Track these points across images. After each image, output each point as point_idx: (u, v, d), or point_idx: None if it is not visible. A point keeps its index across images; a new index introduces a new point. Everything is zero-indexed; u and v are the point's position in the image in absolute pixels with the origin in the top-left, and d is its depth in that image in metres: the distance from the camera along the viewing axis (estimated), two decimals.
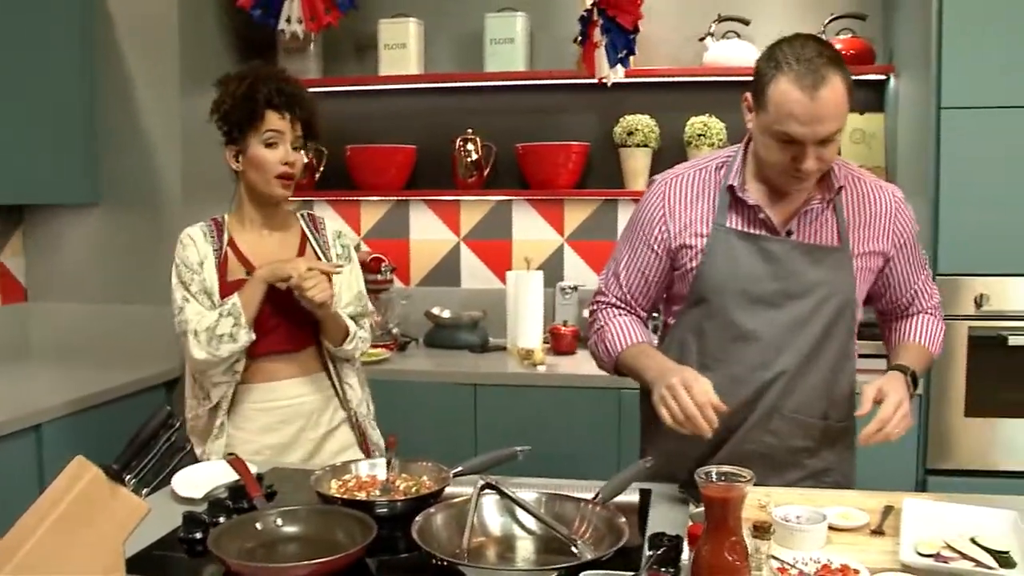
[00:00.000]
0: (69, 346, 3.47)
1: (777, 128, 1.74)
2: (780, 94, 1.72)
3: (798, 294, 1.89)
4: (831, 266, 1.89)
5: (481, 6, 3.66)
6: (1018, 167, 2.84)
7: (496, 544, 1.63)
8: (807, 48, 1.72)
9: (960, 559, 1.49)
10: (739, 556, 1.30)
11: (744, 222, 1.91)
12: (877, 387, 1.78)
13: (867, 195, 1.94)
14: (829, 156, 1.79)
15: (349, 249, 2.41)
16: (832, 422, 1.97)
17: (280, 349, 2.26)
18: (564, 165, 3.60)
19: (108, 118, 3.39)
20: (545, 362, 3.33)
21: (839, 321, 1.91)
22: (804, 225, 1.90)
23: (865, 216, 1.93)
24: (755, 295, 1.89)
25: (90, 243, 3.47)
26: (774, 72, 1.73)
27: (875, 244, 1.94)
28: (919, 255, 2.04)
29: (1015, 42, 2.82)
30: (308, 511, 1.67)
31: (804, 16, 3.53)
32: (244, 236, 2.29)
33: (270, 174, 2.22)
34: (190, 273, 2.22)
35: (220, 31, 3.62)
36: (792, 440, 1.94)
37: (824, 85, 1.69)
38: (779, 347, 1.89)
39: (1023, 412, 2.88)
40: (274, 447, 2.26)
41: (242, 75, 2.24)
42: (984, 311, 2.88)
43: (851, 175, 1.95)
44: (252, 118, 2.19)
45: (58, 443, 2.73)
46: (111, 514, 1.41)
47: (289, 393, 2.28)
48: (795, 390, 1.91)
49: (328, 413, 2.33)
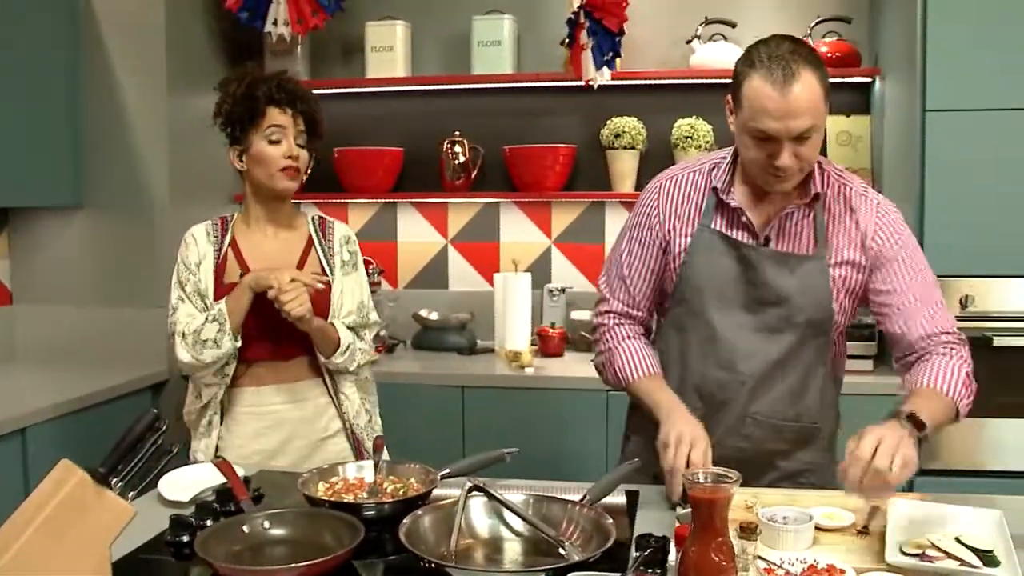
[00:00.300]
0: (54, 349, 3.46)
1: (752, 125, 1.76)
2: (753, 91, 1.73)
3: (770, 302, 1.89)
4: (804, 275, 1.88)
5: (468, 8, 3.67)
6: (1003, 169, 2.87)
7: (484, 546, 1.63)
8: (781, 47, 1.74)
9: (945, 558, 1.50)
10: (726, 557, 1.30)
11: (727, 224, 1.92)
12: (856, 436, 1.62)
13: (849, 201, 1.90)
14: (807, 154, 1.77)
15: (356, 256, 2.36)
16: (805, 423, 1.97)
17: (267, 357, 2.24)
18: (551, 167, 3.61)
19: (94, 120, 3.38)
20: (533, 364, 3.34)
21: (813, 331, 1.90)
22: (783, 229, 1.90)
23: (845, 223, 1.89)
24: (730, 298, 1.91)
25: (75, 245, 3.46)
26: (748, 71, 1.75)
27: (852, 253, 1.89)
28: (921, 279, 1.88)
29: (1000, 45, 2.84)
30: (295, 514, 1.67)
31: (790, 19, 3.55)
32: (248, 237, 2.28)
33: (273, 168, 2.20)
34: (187, 273, 2.22)
35: (207, 33, 3.61)
36: (765, 443, 1.96)
37: (795, 81, 1.70)
38: (748, 352, 1.91)
39: (1009, 412, 2.90)
40: (262, 452, 2.25)
41: (241, 75, 2.23)
42: (970, 312, 2.90)
43: (838, 181, 1.92)
44: (253, 115, 2.18)
45: (43, 447, 2.72)
46: (97, 518, 1.41)
47: (274, 400, 2.25)
48: (763, 395, 1.93)
49: (322, 422, 2.29)
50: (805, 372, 1.94)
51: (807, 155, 1.78)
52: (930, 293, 1.87)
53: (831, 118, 3.52)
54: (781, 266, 1.88)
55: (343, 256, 2.33)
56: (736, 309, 1.91)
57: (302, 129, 2.24)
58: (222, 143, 2.28)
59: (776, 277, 1.88)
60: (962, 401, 1.79)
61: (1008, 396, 2.91)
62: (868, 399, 2.76)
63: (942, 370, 1.79)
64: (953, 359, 1.81)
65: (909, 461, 1.55)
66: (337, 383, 2.30)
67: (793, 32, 3.45)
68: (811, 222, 1.89)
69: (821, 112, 1.75)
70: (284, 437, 2.26)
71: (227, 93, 2.22)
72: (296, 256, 2.28)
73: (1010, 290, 2.89)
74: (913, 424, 1.64)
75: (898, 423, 1.63)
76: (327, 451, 2.30)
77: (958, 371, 1.79)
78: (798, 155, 1.76)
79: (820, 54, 3.33)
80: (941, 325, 1.85)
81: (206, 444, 2.25)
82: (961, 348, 1.84)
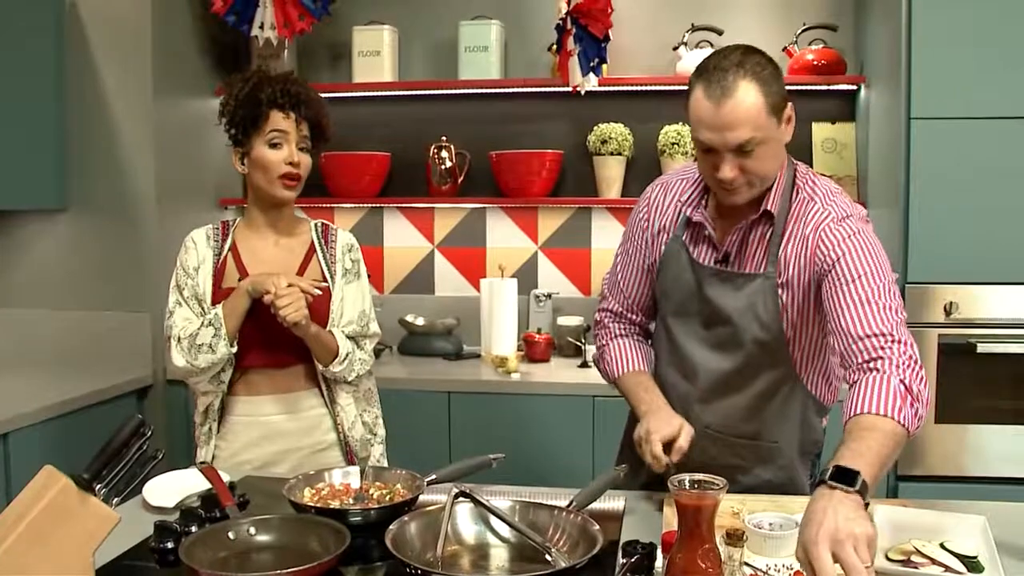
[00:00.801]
0: (37, 353, 3.43)
1: (695, 136, 1.78)
2: (695, 102, 1.75)
3: (719, 321, 1.90)
4: (750, 294, 1.85)
5: (455, 14, 3.67)
6: (986, 177, 2.88)
7: (470, 552, 1.62)
8: (728, 59, 1.73)
9: (930, 564, 1.51)
10: (712, 563, 1.31)
11: (691, 238, 1.95)
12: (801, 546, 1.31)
13: (811, 218, 1.81)
14: (753, 167, 1.74)
15: (359, 265, 2.33)
16: (763, 441, 1.96)
17: (262, 364, 2.20)
18: (538, 173, 3.61)
19: (78, 122, 3.36)
20: (519, 370, 3.33)
21: (763, 350, 1.87)
22: (743, 246, 1.88)
23: (802, 240, 1.82)
24: (690, 312, 1.95)
25: (59, 248, 3.44)
26: (695, 81, 1.76)
27: (801, 270, 1.81)
28: (865, 283, 1.70)
29: (984, 54, 2.86)
30: (281, 520, 1.66)
31: (776, 26, 3.57)
32: (249, 242, 2.25)
33: (273, 174, 2.16)
34: (185, 277, 2.20)
35: (193, 36, 3.60)
36: (723, 458, 1.95)
37: (732, 92, 1.69)
38: (703, 365, 1.94)
39: (992, 419, 2.92)
40: (255, 462, 2.22)
41: (247, 76, 2.20)
42: (953, 319, 2.92)
43: (807, 196, 1.84)
44: (255, 118, 2.15)
45: (26, 452, 2.70)
46: (81, 524, 1.40)
47: (267, 410, 2.22)
48: (715, 409, 1.95)
49: (317, 435, 2.26)
50: (765, 390, 1.91)
51: (753, 168, 1.75)
52: (867, 299, 1.68)
53: (816, 125, 3.55)
54: (726, 285, 1.88)
55: (345, 264, 2.30)
56: (694, 322, 1.95)
57: (305, 135, 2.19)
58: (225, 144, 2.26)
59: (721, 296, 1.88)
60: (900, 413, 1.53)
61: (991, 402, 2.93)
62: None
63: (866, 392, 1.56)
64: (883, 372, 1.59)
65: (872, 541, 1.28)
66: (334, 394, 2.26)
67: (779, 39, 3.51)
68: (766, 239, 1.85)
69: (764, 125, 1.71)
70: (279, 448, 2.23)
71: (231, 94, 2.18)
72: (297, 262, 2.25)
73: (994, 297, 2.90)
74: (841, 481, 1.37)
75: (826, 488, 1.36)
76: (321, 464, 2.25)
77: (885, 386, 1.56)
78: (744, 168, 1.74)
79: (807, 61, 3.38)
80: (872, 327, 1.65)
81: (205, 452, 2.22)
82: (893, 355, 1.61)
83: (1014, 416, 2.91)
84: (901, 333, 1.65)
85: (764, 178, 1.79)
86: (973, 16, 2.87)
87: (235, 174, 3.88)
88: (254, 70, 2.25)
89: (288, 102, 2.15)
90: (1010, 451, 2.91)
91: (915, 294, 2.93)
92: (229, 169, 3.89)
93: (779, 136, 1.77)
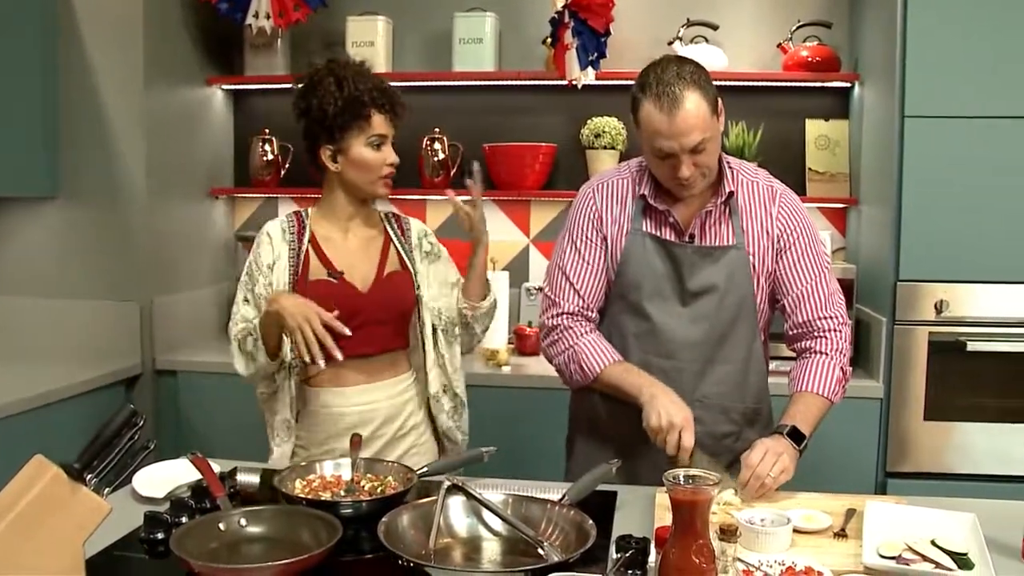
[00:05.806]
0: (25, 342, 3.40)
1: (650, 146, 1.97)
2: (646, 116, 1.94)
3: (699, 293, 2.07)
4: (728, 263, 2.07)
5: (450, 5, 3.65)
6: (979, 176, 2.89)
7: (462, 545, 1.63)
8: (667, 71, 1.93)
9: (921, 561, 1.52)
10: (706, 559, 1.31)
11: (655, 225, 2.10)
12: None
13: (758, 195, 2.11)
14: (705, 162, 1.97)
15: (437, 247, 2.40)
16: (749, 404, 2.14)
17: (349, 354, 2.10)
18: (531, 166, 3.60)
19: (69, 110, 3.33)
20: (509, 363, 3.33)
21: (740, 316, 2.09)
22: (705, 226, 2.08)
23: (756, 214, 2.09)
24: (666, 293, 2.09)
25: (49, 236, 3.40)
26: (641, 97, 1.95)
27: (763, 239, 2.08)
28: (816, 265, 2.10)
29: (978, 53, 2.86)
30: (273, 511, 1.66)
31: (770, 23, 3.57)
32: (328, 235, 2.25)
33: (375, 175, 2.20)
34: (257, 273, 2.19)
35: (186, 24, 3.57)
36: (717, 426, 2.09)
37: (682, 103, 1.90)
38: (688, 340, 2.08)
39: (981, 416, 2.93)
40: (339, 451, 2.13)
41: (336, 74, 2.16)
42: (944, 317, 2.92)
43: (747, 178, 2.12)
44: (359, 119, 2.16)
45: (15, 441, 2.68)
46: (71, 514, 1.39)
47: (355, 401, 2.21)
48: (707, 379, 2.09)
49: (400, 420, 2.26)
50: (744, 356, 2.11)
51: (705, 162, 1.98)
52: (822, 278, 2.10)
53: (810, 121, 3.55)
54: (706, 258, 2.07)
55: (424, 248, 2.36)
56: (672, 302, 2.09)
57: (395, 137, 2.25)
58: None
59: (703, 269, 2.07)
60: (836, 396, 2.05)
61: (980, 400, 2.94)
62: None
63: (818, 373, 2.04)
64: (830, 357, 2.06)
65: (787, 468, 1.86)
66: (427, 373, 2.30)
67: (773, 36, 3.51)
68: (727, 217, 2.08)
69: (711, 124, 1.94)
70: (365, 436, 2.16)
71: (327, 92, 2.15)
72: (377, 252, 2.28)
73: (984, 296, 2.91)
74: (793, 439, 1.91)
75: (782, 437, 1.91)
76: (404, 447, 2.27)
77: (831, 371, 2.04)
78: (697, 164, 1.96)
79: (801, 58, 3.38)
80: (827, 310, 2.08)
81: (280, 454, 2.21)
82: (838, 338, 2.08)
83: (1003, 414, 2.92)
84: (845, 317, 2.12)
85: (712, 168, 2.03)
86: (967, 15, 2.87)
87: (226, 164, 3.89)
88: (336, 65, 2.21)
89: (387, 105, 2.20)
90: (998, 449, 2.92)
91: (906, 291, 2.94)
92: (220, 158, 3.90)
93: (719, 129, 2.00)
